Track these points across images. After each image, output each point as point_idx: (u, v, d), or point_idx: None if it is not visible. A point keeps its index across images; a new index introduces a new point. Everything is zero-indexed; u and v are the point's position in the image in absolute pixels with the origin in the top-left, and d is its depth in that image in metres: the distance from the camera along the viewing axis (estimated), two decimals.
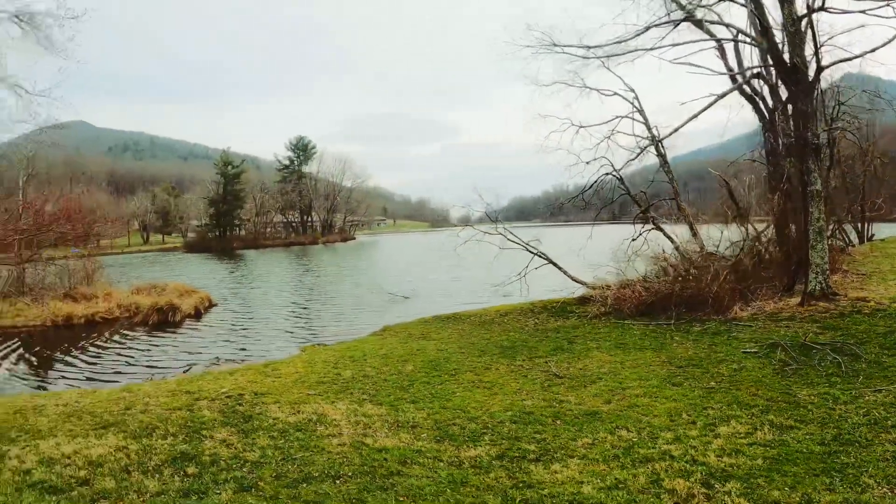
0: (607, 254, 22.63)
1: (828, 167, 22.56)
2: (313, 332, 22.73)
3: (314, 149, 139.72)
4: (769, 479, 6.55)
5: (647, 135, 21.95)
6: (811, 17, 16.50)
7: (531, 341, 15.98)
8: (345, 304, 30.62)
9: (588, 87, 22.58)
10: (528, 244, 23.01)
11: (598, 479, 6.77)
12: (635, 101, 22.25)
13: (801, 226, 17.58)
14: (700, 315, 16.81)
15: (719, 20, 19.68)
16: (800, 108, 16.71)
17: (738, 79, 20.08)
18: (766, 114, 20.57)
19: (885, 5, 15.20)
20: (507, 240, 23.32)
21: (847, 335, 12.79)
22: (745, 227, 20.15)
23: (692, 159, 73.34)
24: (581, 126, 22.71)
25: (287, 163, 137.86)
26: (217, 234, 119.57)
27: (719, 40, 20.33)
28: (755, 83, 20.38)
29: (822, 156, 18.32)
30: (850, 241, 30.53)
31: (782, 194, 19.19)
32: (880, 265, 22.59)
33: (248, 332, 23.92)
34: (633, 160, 22.00)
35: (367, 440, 8.52)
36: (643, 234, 21.89)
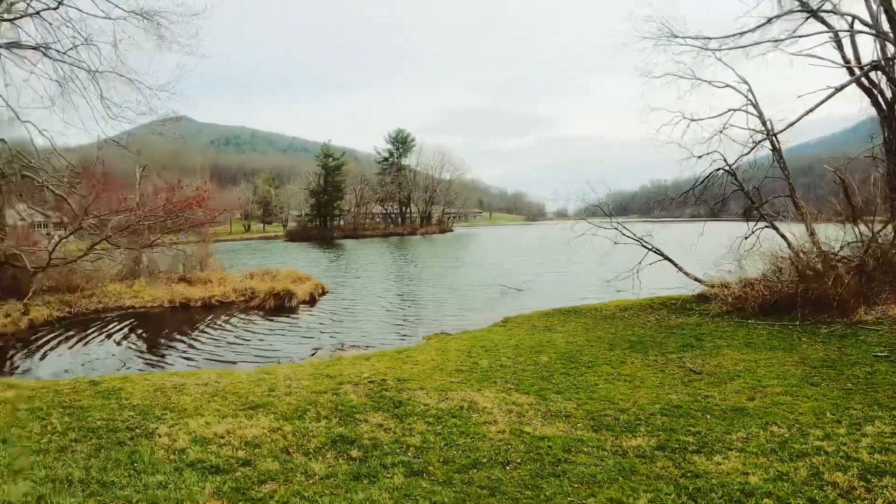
0: (716, 251, 22.52)
1: None
2: (432, 322, 23.08)
3: (413, 141, 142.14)
4: None
5: (760, 128, 21.55)
6: None
7: (658, 337, 16.21)
8: (457, 295, 30.89)
9: (699, 79, 22.44)
10: (641, 239, 23.15)
11: (761, 471, 6.99)
12: (749, 94, 21.78)
13: None
14: (825, 317, 16.74)
15: (835, 10, 19.58)
16: None
17: (856, 71, 19.76)
18: (884, 107, 20.04)
19: None
20: (621, 234, 23.57)
21: None
22: (862, 227, 19.73)
23: (795, 154, 71.16)
24: (693, 119, 22.54)
25: (386, 155, 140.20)
26: (318, 223, 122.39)
27: (836, 31, 20.06)
28: (872, 75, 20.00)
29: None
30: None
31: None
32: None
33: (363, 320, 24.44)
34: (747, 154, 21.87)
35: (526, 428, 8.76)
36: (755, 232, 21.66)
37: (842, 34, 20.18)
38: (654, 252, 23.02)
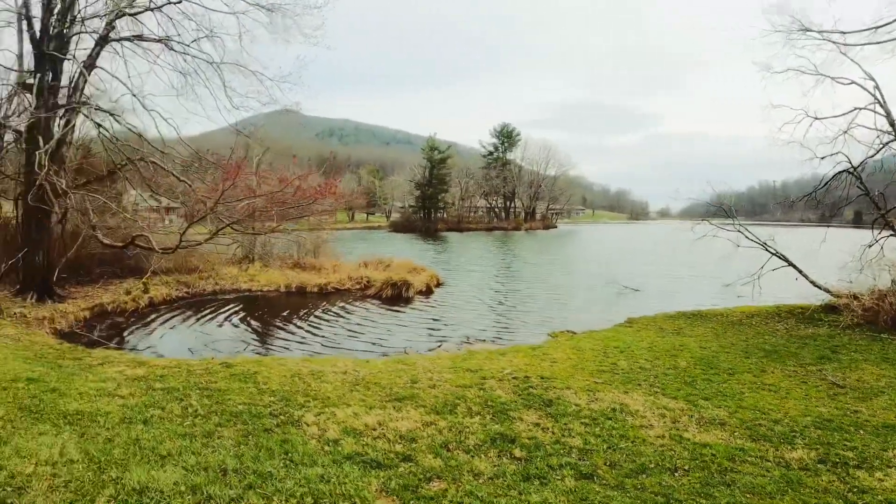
0: (836, 258, 21.32)
1: None
2: (552, 319, 22.55)
3: (518, 136, 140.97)
4: None
5: (887, 129, 20.47)
6: None
7: (791, 347, 15.64)
8: (571, 293, 30.39)
9: (823, 75, 21.41)
10: (766, 244, 22.26)
11: None
12: (876, 92, 20.64)
13: None
14: None
15: None
16: None
17: None
18: None
19: None
20: (743, 237, 22.76)
21: None
22: None
23: None
24: (816, 118, 21.64)
25: (491, 149, 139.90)
26: (422, 215, 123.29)
27: None
28: None
29: None
30: None
31: None
32: None
33: (481, 313, 24.15)
34: (874, 156, 20.94)
35: (685, 434, 8.58)
36: (879, 241, 20.64)
37: None
38: (778, 257, 22.14)
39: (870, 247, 20.62)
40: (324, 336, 19.42)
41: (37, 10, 23.73)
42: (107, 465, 6.60)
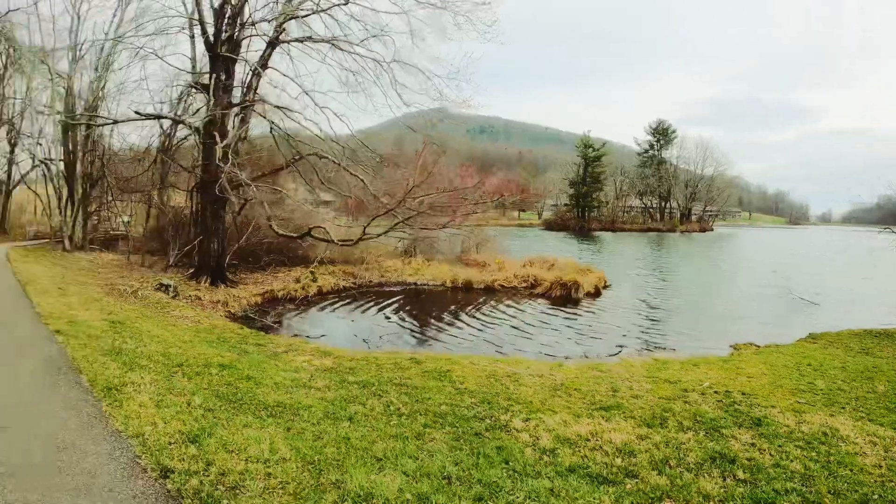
0: None
1: None
2: (729, 329, 21.24)
3: (674, 133, 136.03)
4: None
5: None
6: None
7: None
8: (742, 302, 28.58)
9: None
10: None
11: None
12: None
13: None
14: None
15: None
16: None
17: None
18: None
19: None
20: None
21: None
22: None
23: None
24: None
25: (646, 147, 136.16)
26: (575, 214, 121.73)
27: None
28: None
29: None
30: None
31: None
32: None
33: (655, 319, 23.25)
34: None
35: None
36: None
37: None
38: None
39: None
40: (490, 334, 19.34)
41: (208, 17, 24.86)
42: (322, 465, 6.50)
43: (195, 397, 8.49)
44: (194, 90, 28.30)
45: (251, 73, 25.64)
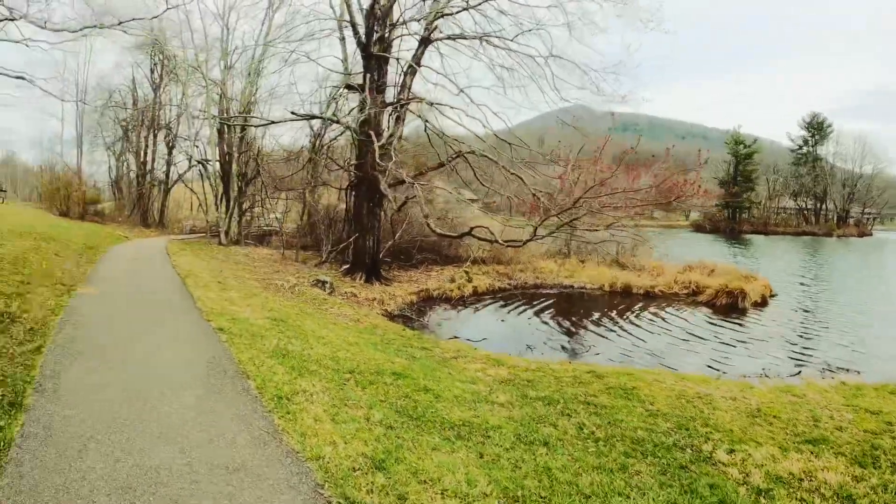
0: None
1: None
2: None
3: (830, 127, 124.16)
4: None
5: None
6: None
7: None
8: None
9: None
10: None
11: None
12: None
13: None
14: None
15: None
16: None
17: None
18: None
19: None
20: None
21: None
22: None
23: None
24: None
25: (800, 143, 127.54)
26: (726, 215, 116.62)
27: None
28: None
29: None
30: None
31: None
32: None
33: (825, 335, 20.69)
34: None
35: None
36: None
37: None
38: None
39: None
40: (672, 345, 18.14)
41: (357, 18, 25.09)
42: (528, 503, 5.83)
43: (373, 411, 7.92)
44: (346, 91, 28.51)
45: (405, 71, 25.61)
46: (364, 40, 25.39)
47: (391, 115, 25.90)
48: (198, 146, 49.26)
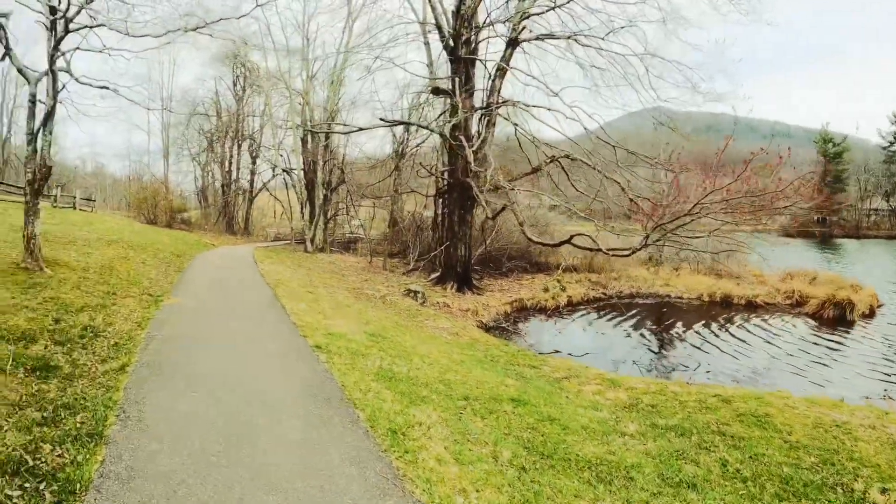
0: None
1: None
2: None
3: None
4: None
5: None
6: None
7: None
8: None
9: None
10: None
11: None
12: None
13: None
14: None
15: None
16: None
17: None
18: None
19: None
20: None
21: None
22: None
23: None
24: None
25: (892, 139, 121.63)
26: (816, 219, 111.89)
27: None
28: None
29: None
30: None
31: None
32: None
33: None
34: None
35: None
36: None
37: None
38: None
39: None
40: (794, 363, 16.84)
41: (442, 21, 24.77)
42: None
43: (500, 448, 7.17)
44: (432, 96, 28.13)
45: (493, 74, 25.03)
46: (451, 43, 24.95)
47: (481, 119, 25.41)
48: (282, 155, 49.94)
